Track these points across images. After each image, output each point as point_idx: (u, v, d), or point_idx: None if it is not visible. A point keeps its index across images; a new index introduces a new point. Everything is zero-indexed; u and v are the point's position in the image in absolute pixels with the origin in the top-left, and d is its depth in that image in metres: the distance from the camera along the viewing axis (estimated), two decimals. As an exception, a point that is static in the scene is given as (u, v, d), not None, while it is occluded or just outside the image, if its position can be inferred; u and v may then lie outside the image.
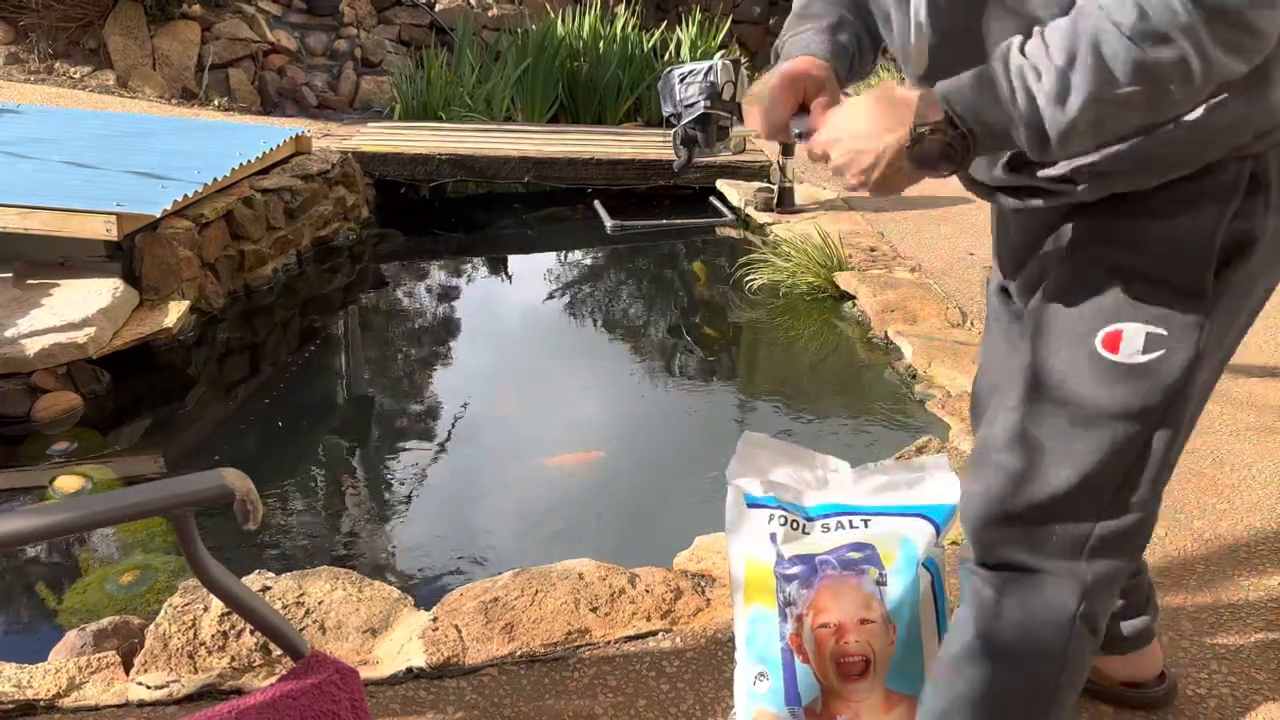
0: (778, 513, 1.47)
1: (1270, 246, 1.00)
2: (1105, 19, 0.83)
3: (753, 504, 1.48)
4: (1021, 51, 0.88)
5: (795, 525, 1.46)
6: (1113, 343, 1.02)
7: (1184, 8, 0.80)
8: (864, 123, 0.97)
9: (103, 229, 3.49)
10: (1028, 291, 1.15)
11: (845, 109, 1.01)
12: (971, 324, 3.62)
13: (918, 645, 1.39)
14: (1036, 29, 0.88)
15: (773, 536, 1.45)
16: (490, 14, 8.34)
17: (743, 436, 1.54)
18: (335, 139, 6.03)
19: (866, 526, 1.44)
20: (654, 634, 1.81)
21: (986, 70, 0.90)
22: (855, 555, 1.41)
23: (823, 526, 1.46)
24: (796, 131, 1.07)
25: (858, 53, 1.17)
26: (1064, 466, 1.06)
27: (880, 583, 1.39)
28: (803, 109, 1.09)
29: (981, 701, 1.13)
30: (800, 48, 1.14)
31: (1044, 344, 1.07)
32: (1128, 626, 1.51)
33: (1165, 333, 1.00)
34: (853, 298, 4.03)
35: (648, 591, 1.92)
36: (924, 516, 1.43)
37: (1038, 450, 1.07)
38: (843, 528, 1.45)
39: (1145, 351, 1.01)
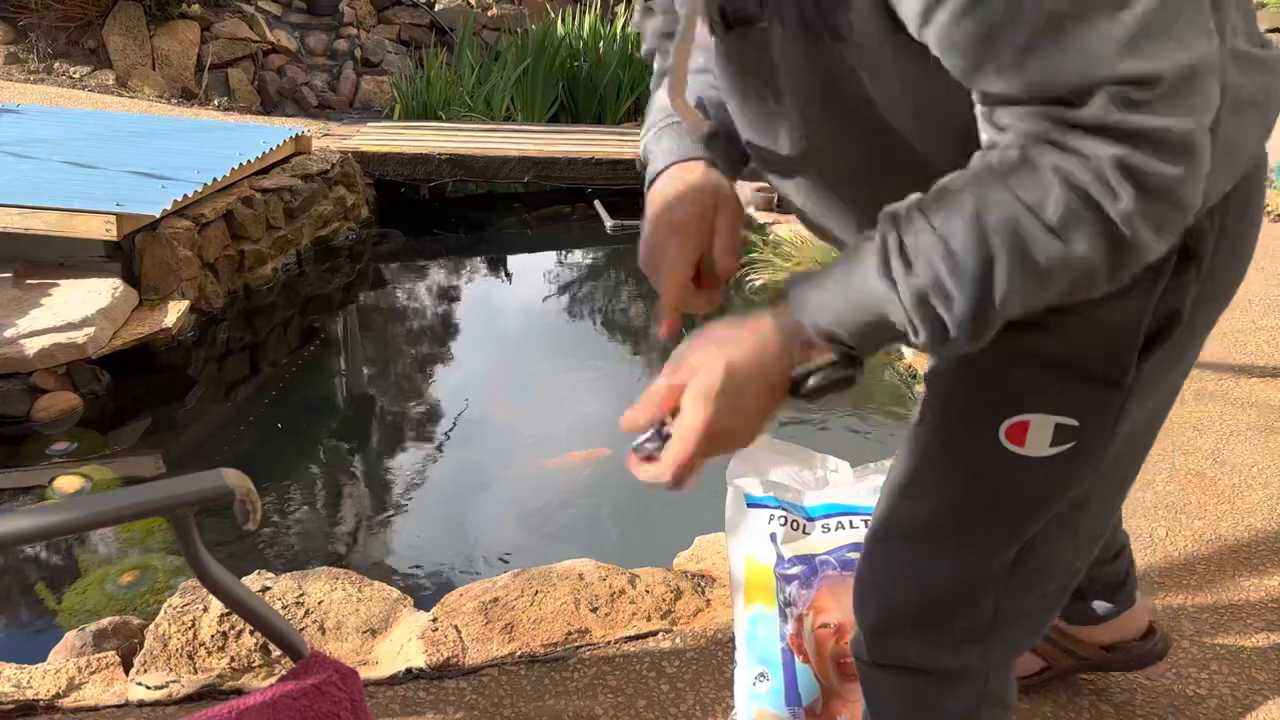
0: (778, 513, 1.47)
1: (1197, 317, 0.87)
2: (1017, 204, 0.65)
3: (752, 504, 1.49)
4: (906, 261, 0.69)
5: (795, 525, 1.46)
6: (1019, 435, 0.88)
7: (1123, 189, 0.64)
8: (731, 417, 0.78)
9: (102, 229, 3.49)
10: (930, 372, 1.00)
11: (702, 354, 0.80)
12: (971, 324, 3.62)
13: None
14: (918, 209, 0.69)
15: (773, 536, 1.45)
16: (490, 14, 8.34)
17: None
18: (335, 139, 6.03)
19: (866, 527, 1.44)
20: (654, 634, 1.81)
21: (868, 286, 0.71)
22: (855, 555, 1.41)
23: (823, 526, 1.46)
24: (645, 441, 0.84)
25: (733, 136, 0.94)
26: (963, 558, 0.96)
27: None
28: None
29: None
30: (671, 156, 0.97)
31: (945, 428, 0.95)
32: (1100, 606, 1.49)
33: (1077, 424, 0.87)
34: (853, 298, 4.02)
35: (648, 592, 1.92)
36: None
37: (935, 541, 0.97)
38: (843, 528, 1.45)
39: (1054, 444, 0.88)
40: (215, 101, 6.83)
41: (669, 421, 0.81)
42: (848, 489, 1.49)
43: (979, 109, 0.69)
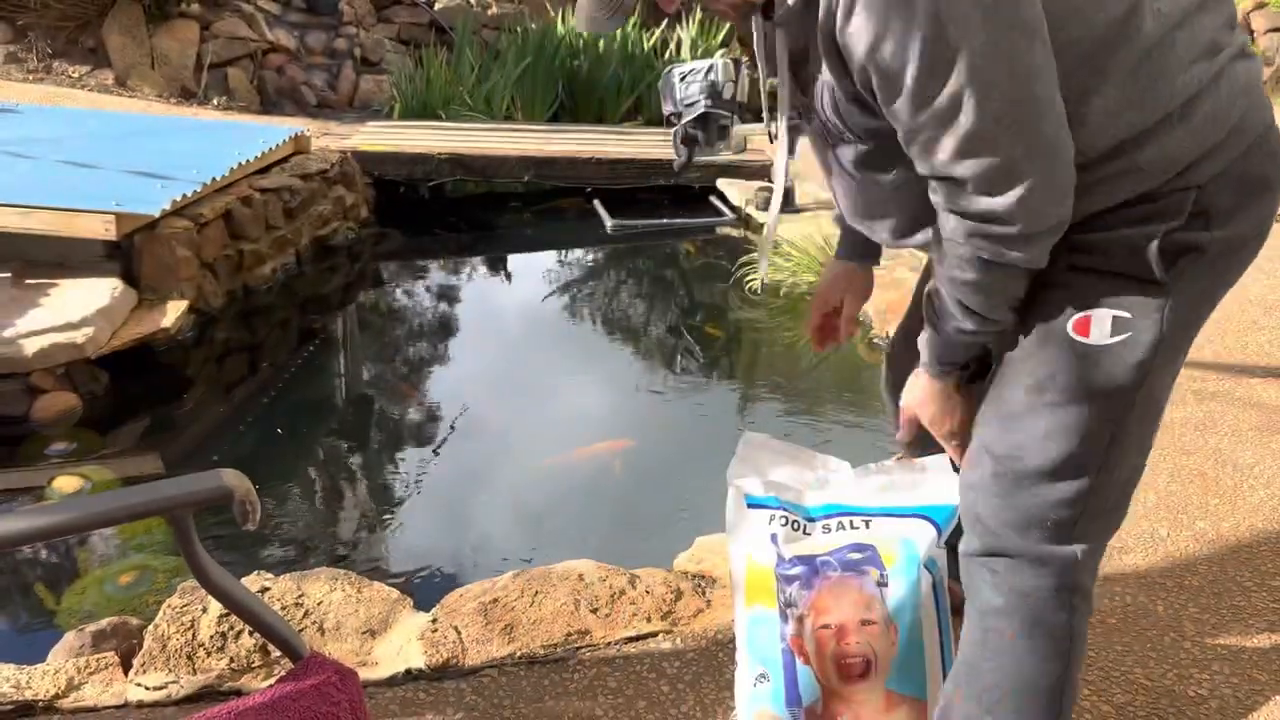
0: (778, 513, 1.46)
1: (1221, 259, 1.12)
2: (957, 273, 1.13)
3: (753, 504, 1.48)
4: (939, 315, 1.21)
5: (796, 526, 1.45)
6: (1084, 327, 1.13)
7: (981, 246, 1.08)
8: (931, 400, 1.31)
9: (101, 229, 3.48)
10: None
11: (910, 394, 1.34)
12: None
13: (919, 646, 1.38)
14: (929, 293, 1.21)
15: (773, 537, 1.44)
16: (490, 13, 8.34)
17: (743, 437, 1.54)
18: (334, 138, 6.03)
19: (867, 527, 1.44)
20: (654, 635, 1.81)
21: (938, 337, 1.23)
22: (856, 556, 1.41)
23: (823, 527, 1.45)
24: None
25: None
26: (1048, 450, 1.16)
27: (881, 584, 1.39)
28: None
29: (1001, 685, 1.23)
30: (839, 255, 1.57)
31: (1025, 339, 1.18)
32: None
33: (1130, 316, 1.11)
34: (853, 297, 4.02)
35: (648, 592, 1.92)
36: (925, 517, 1.43)
37: (1023, 437, 1.18)
38: (843, 528, 1.45)
39: (1113, 334, 1.12)
40: (214, 101, 6.83)
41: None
42: (848, 489, 1.48)
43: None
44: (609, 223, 5.60)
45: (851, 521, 1.45)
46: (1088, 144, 1.06)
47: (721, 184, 5.96)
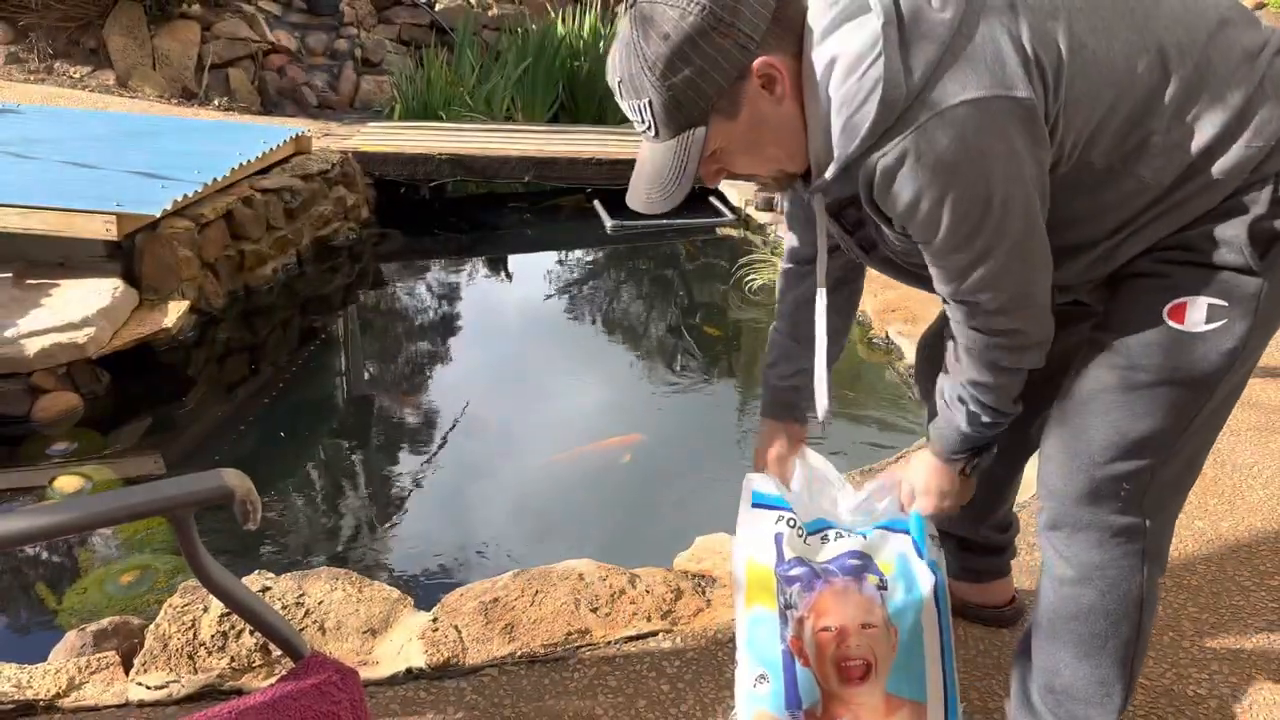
0: (786, 514, 1.46)
1: None
2: (971, 377, 1.29)
3: (759, 503, 1.48)
4: (951, 409, 1.34)
5: (801, 531, 1.45)
6: (1179, 314, 1.17)
7: (992, 354, 1.25)
8: (937, 481, 1.44)
9: (103, 229, 3.49)
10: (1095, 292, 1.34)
11: (915, 471, 1.46)
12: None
13: (920, 649, 1.39)
14: (942, 395, 1.36)
15: (778, 537, 1.44)
16: (490, 13, 8.34)
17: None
18: (335, 139, 6.03)
19: (865, 537, 1.45)
20: (654, 634, 1.81)
21: (949, 431, 1.36)
22: (855, 562, 1.42)
23: (822, 538, 1.46)
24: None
25: (802, 385, 1.59)
26: (1134, 428, 1.22)
27: (881, 587, 1.40)
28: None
29: (1075, 649, 1.33)
30: (767, 414, 1.65)
31: (1118, 320, 1.23)
32: (982, 563, 1.80)
33: (1226, 304, 1.15)
34: (853, 298, 4.02)
35: (648, 592, 1.92)
36: (902, 531, 1.45)
37: (1108, 415, 1.24)
38: (842, 536, 1.45)
39: (1208, 321, 1.16)
40: (215, 101, 6.84)
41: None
42: (845, 512, 1.49)
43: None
44: (609, 223, 5.60)
45: (846, 533, 1.46)
46: (1155, 180, 1.14)
47: (721, 184, 5.96)
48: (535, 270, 5.44)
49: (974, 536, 1.77)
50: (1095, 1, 1.11)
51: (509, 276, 5.41)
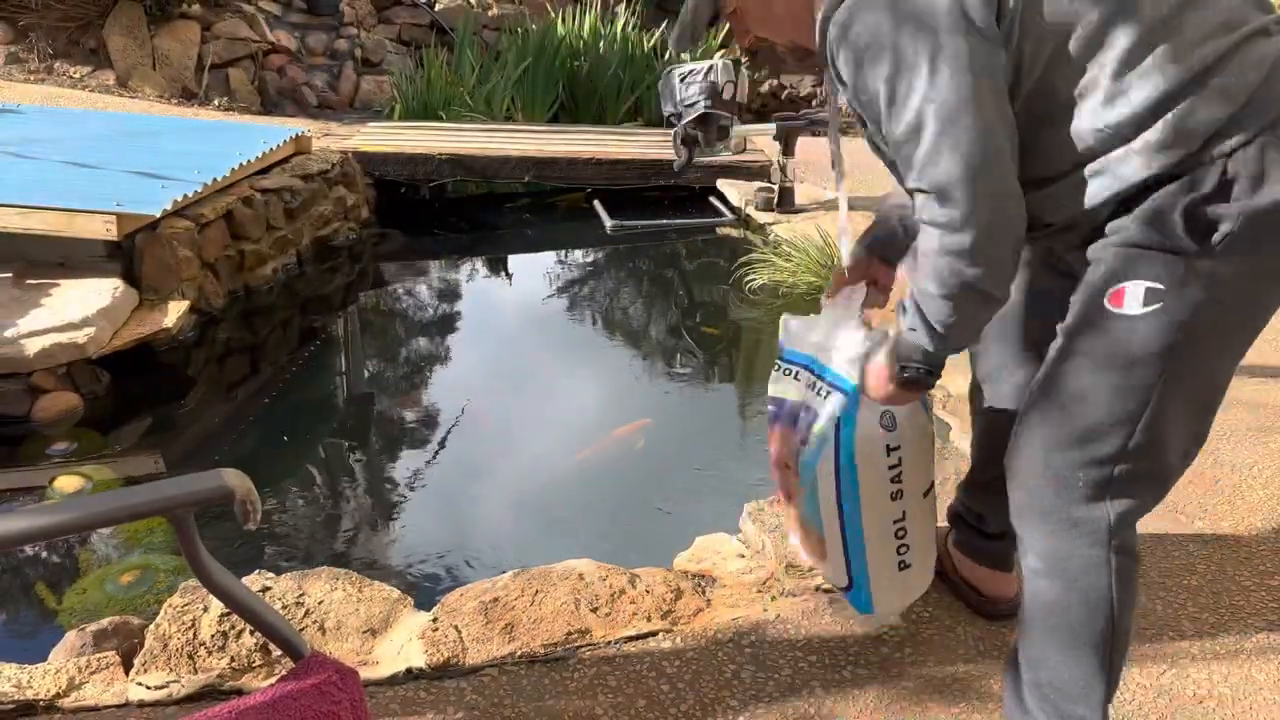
0: (781, 362, 1.73)
1: (1269, 235, 1.16)
2: (923, 285, 1.28)
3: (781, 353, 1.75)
4: (899, 313, 1.37)
5: (785, 371, 1.72)
6: (1118, 299, 1.21)
7: (942, 252, 1.23)
8: (875, 382, 1.49)
9: (103, 229, 3.49)
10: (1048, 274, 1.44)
11: (869, 373, 1.51)
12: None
13: (815, 497, 1.65)
14: (901, 303, 1.36)
15: (772, 375, 1.75)
16: (490, 14, 8.34)
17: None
18: (335, 139, 6.03)
19: (822, 397, 1.63)
20: (654, 634, 1.81)
21: (905, 338, 1.37)
22: (801, 415, 1.66)
23: (795, 376, 1.70)
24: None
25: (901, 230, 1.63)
26: (1083, 413, 1.26)
27: (803, 442, 1.65)
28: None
29: (1048, 641, 1.37)
30: (863, 241, 1.70)
31: (1070, 310, 1.28)
32: (989, 547, 1.81)
33: (1162, 287, 1.18)
34: (853, 298, 4.02)
35: (648, 592, 1.92)
36: (842, 390, 1.60)
37: (1060, 400, 1.28)
38: (810, 389, 1.66)
39: (1145, 304, 1.19)
40: (215, 101, 6.84)
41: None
42: (832, 351, 1.64)
43: None
44: (609, 223, 5.60)
45: (816, 385, 1.65)
46: (1108, 122, 1.18)
47: (721, 184, 5.96)
48: (535, 270, 5.44)
49: (991, 516, 1.76)
50: None
51: (509, 276, 5.41)
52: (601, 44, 7.60)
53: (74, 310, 3.31)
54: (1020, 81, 1.20)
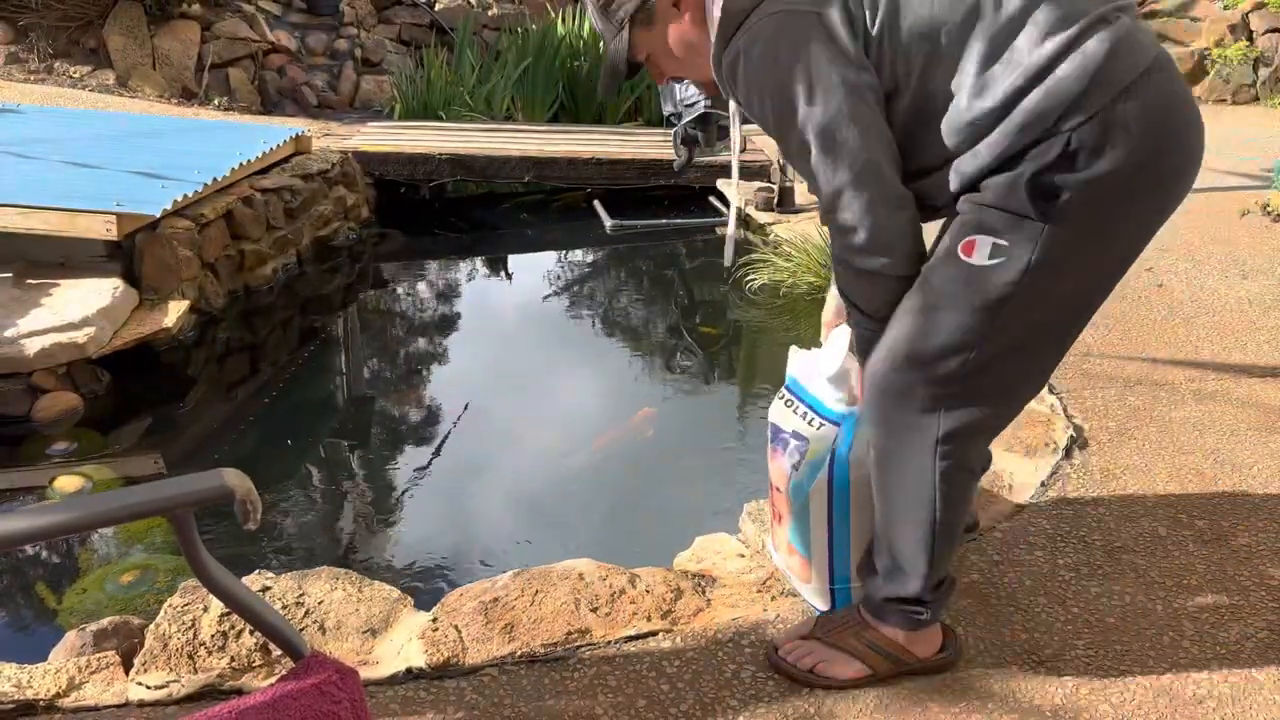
0: (786, 391, 1.84)
1: (1111, 195, 1.36)
2: (837, 270, 1.54)
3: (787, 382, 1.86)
4: (849, 316, 1.60)
5: (788, 403, 1.81)
6: (969, 249, 1.41)
7: (841, 253, 1.47)
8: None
9: (103, 229, 3.49)
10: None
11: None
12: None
13: (806, 521, 1.75)
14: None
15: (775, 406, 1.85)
16: (490, 14, 8.34)
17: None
18: (335, 139, 6.03)
19: (815, 427, 1.73)
20: (654, 634, 1.81)
21: (854, 332, 1.61)
22: (791, 441, 1.76)
23: (791, 406, 1.79)
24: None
25: None
26: (928, 341, 1.45)
27: (794, 467, 1.75)
28: None
29: (882, 528, 1.61)
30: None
31: (934, 259, 1.48)
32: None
33: (1006, 244, 1.39)
34: (853, 298, 4.02)
35: (648, 592, 1.92)
36: (837, 423, 1.73)
37: (913, 330, 1.47)
38: (800, 418, 1.76)
39: (991, 257, 1.40)
40: (215, 101, 6.84)
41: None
42: (824, 387, 1.76)
43: None
44: (609, 223, 5.60)
45: (808, 416, 1.75)
46: (973, 115, 1.38)
47: (721, 184, 5.96)
48: (535, 270, 5.44)
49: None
50: None
51: (509, 276, 5.41)
52: (601, 44, 7.59)
53: (74, 310, 3.31)
54: (900, 90, 1.41)
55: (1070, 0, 1.35)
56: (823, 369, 1.75)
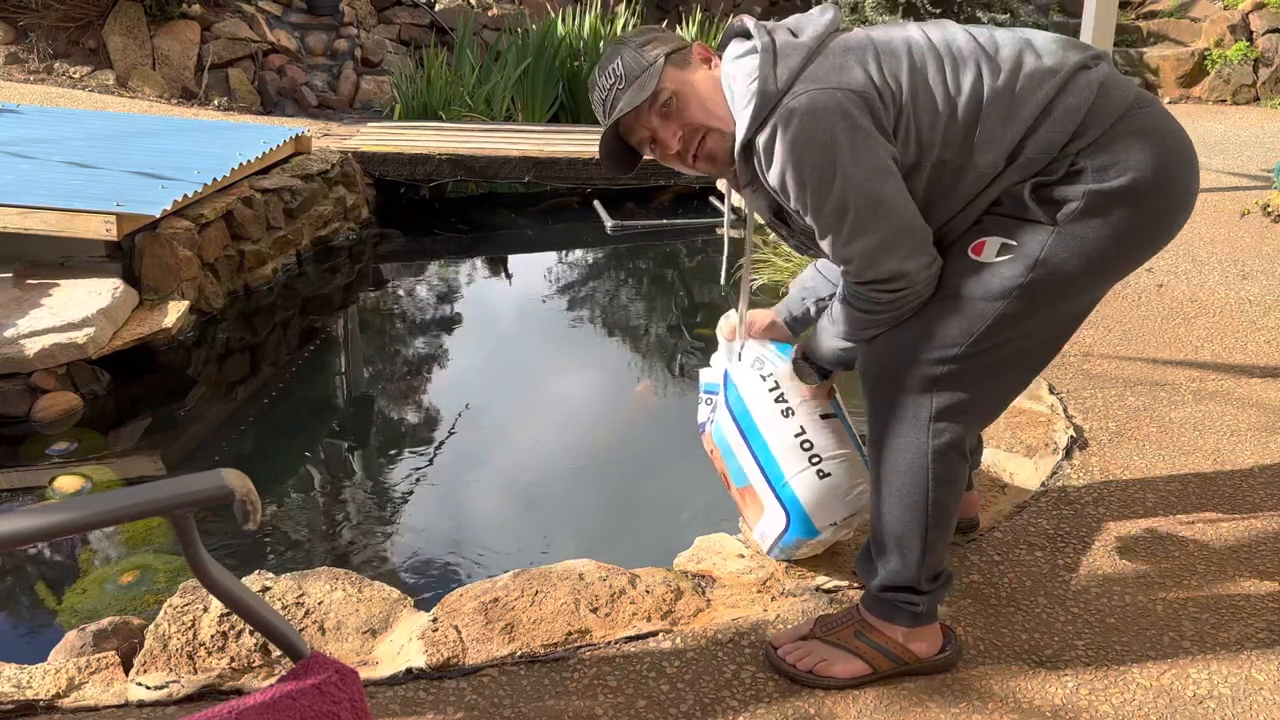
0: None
1: (1116, 210, 1.50)
2: (847, 311, 1.66)
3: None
4: (825, 317, 1.78)
5: (703, 400, 2.13)
6: (978, 249, 1.56)
7: (857, 304, 1.62)
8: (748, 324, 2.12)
9: (103, 229, 3.49)
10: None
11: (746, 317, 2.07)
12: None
13: (733, 454, 1.99)
14: (828, 315, 1.76)
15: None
16: (490, 14, 8.34)
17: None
18: (335, 139, 6.03)
19: (710, 405, 2.08)
20: (654, 634, 1.81)
21: (825, 338, 1.81)
22: (710, 417, 2.07)
23: (707, 400, 2.12)
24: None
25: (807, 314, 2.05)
26: (928, 326, 1.58)
27: (707, 424, 2.08)
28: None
29: (886, 502, 1.66)
30: (782, 304, 2.14)
31: (947, 257, 1.61)
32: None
33: (1015, 244, 1.54)
34: (853, 298, 4.02)
35: (648, 592, 1.92)
36: (718, 386, 2.07)
37: (916, 318, 1.60)
38: (706, 404, 2.11)
39: (998, 256, 1.54)
40: (215, 101, 6.84)
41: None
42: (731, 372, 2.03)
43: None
44: (609, 223, 5.60)
45: (706, 399, 2.10)
46: (990, 167, 1.53)
47: (721, 184, 5.96)
48: (535, 270, 5.44)
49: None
50: (936, 51, 1.54)
51: (509, 276, 5.41)
52: (601, 44, 7.60)
53: (74, 310, 3.31)
54: (921, 164, 1.53)
55: (1053, 54, 1.54)
56: (715, 365, 2.08)
